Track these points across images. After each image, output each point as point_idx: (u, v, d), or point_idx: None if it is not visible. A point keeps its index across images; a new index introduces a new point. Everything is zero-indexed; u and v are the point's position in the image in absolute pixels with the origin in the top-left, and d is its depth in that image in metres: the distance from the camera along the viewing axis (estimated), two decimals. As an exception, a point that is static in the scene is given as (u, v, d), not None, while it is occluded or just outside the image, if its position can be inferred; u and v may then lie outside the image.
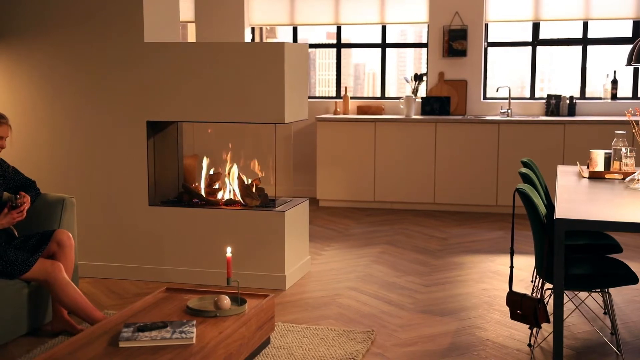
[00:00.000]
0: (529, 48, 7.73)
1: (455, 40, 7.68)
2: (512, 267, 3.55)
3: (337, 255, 5.62)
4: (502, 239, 6.14)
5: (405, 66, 8.86)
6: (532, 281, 4.77)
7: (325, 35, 9.19)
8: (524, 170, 4.12)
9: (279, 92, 4.62)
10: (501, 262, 5.37)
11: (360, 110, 7.92)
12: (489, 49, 7.81)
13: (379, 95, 8.25)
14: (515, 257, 5.46)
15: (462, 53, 7.67)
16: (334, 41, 8.41)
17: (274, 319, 3.73)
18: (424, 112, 7.71)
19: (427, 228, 6.57)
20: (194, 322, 3.23)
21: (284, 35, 8.80)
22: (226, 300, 3.43)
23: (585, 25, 7.52)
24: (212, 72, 4.71)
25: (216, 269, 4.77)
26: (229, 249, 3.51)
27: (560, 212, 3.20)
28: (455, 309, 4.31)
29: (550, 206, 4.07)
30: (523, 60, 7.89)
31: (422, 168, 7.38)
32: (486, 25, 7.71)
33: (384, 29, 8.08)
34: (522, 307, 3.31)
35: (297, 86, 4.85)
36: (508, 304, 3.42)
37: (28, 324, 3.81)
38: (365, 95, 8.47)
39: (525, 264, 5.27)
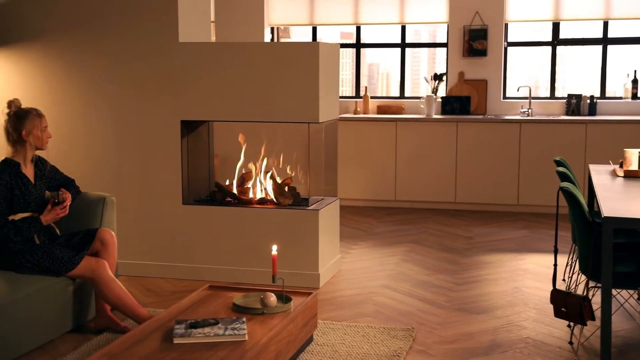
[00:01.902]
0: (545, 47, 7.78)
1: (476, 40, 7.71)
2: (555, 265, 3.58)
3: (365, 254, 5.66)
4: (527, 238, 6.17)
5: (419, 66, 8.89)
6: (563, 279, 4.81)
7: (339, 35, 9.23)
8: (561, 169, 4.15)
9: (313, 91, 4.65)
10: (530, 261, 5.40)
11: (380, 109, 7.95)
12: (508, 48, 7.85)
13: (392, 94, 8.29)
14: (541, 256, 5.56)
15: (483, 53, 7.70)
16: (348, 41, 8.45)
17: (317, 317, 3.77)
18: (444, 111, 7.75)
19: (451, 227, 6.61)
20: (244, 319, 3.27)
21: (297, 35, 8.83)
22: (272, 298, 3.47)
23: (606, 25, 7.55)
24: (246, 72, 4.74)
25: (250, 267, 4.80)
26: (274, 247, 3.55)
27: (607, 211, 3.23)
28: (490, 307, 4.34)
29: (588, 205, 4.10)
30: (540, 60, 7.93)
31: (443, 167, 7.41)
32: (506, 25, 7.74)
33: (403, 29, 8.11)
34: (566, 305, 3.35)
35: (330, 86, 4.89)
36: (552, 301, 3.46)
37: (73, 320, 3.85)
38: (379, 94, 8.48)
39: (552, 262, 5.29)
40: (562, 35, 7.71)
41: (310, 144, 5.25)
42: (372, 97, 8.10)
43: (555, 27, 7.70)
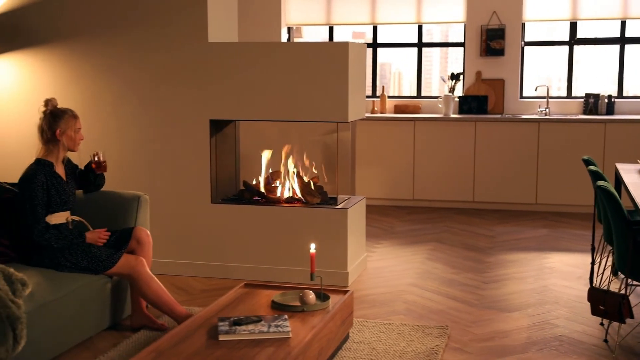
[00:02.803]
0: (559, 47, 7.82)
1: (493, 39, 7.73)
2: (593, 263, 3.61)
3: (389, 253, 5.69)
4: (549, 237, 6.19)
5: (432, 65, 8.91)
6: (589, 278, 4.84)
7: (351, 34, 9.25)
8: (592, 167, 4.17)
9: (343, 91, 4.68)
10: (555, 260, 5.42)
11: (398, 109, 7.98)
12: (525, 47, 7.87)
13: (404, 94, 8.32)
14: (565, 254, 5.58)
15: (500, 52, 7.72)
16: (360, 41, 8.47)
17: (353, 315, 3.80)
18: (461, 111, 7.77)
19: (471, 226, 6.63)
20: (286, 316, 3.29)
21: (308, 34, 8.85)
22: (311, 295, 3.50)
23: (623, 24, 7.57)
24: (275, 71, 4.77)
25: (279, 265, 4.83)
26: (312, 245, 3.58)
27: (647, 209, 3.26)
28: (521, 305, 4.37)
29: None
30: (554, 60, 7.95)
31: (461, 166, 7.43)
32: (523, 24, 7.76)
33: (420, 28, 8.14)
34: (605, 303, 3.37)
35: (357, 85, 4.92)
36: (590, 299, 3.48)
37: (110, 318, 3.88)
38: (391, 94, 8.49)
39: (578, 262, 5.33)
40: (578, 34, 7.73)
41: (331, 143, 5.29)
42: (388, 97, 8.13)
43: (573, 26, 7.72)
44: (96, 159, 4.05)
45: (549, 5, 7.66)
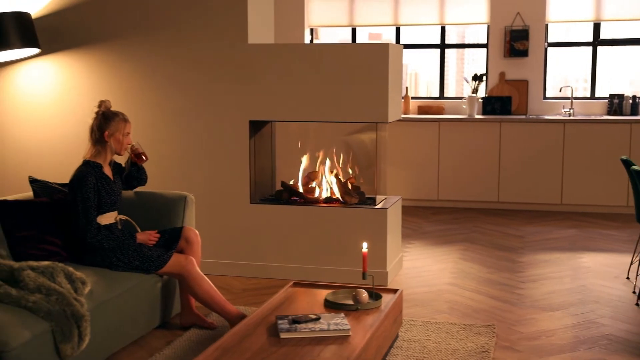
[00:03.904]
0: (581, 48, 7.86)
1: (517, 40, 7.77)
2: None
3: (422, 253, 5.72)
4: (579, 237, 6.22)
5: (448, 67, 8.95)
6: (627, 278, 4.88)
7: (368, 36, 9.30)
8: (637, 167, 4.20)
9: (382, 91, 4.72)
10: (589, 259, 5.46)
11: (421, 110, 8.02)
12: (548, 48, 7.91)
13: (421, 95, 8.37)
14: (599, 254, 5.61)
15: (524, 53, 7.75)
16: (377, 42, 8.50)
17: (402, 314, 3.84)
18: (485, 111, 7.81)
19: (499, 226, 6.67)
20: (343, 314, 3.33)
21: (326, 36, 8.89)
22: (364, 294, 3.53)
23: (647, 25, 7.61)
24: (314, 73, 4.80)
25: (318, 265, 4.87)
26: (365, 245, 3.61)
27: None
28: (562, 304, 4.40)
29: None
30: (576, 60, 7.99)
31: (486, 167, 7.47)
32: (546, 25, 7.80)
33: (442, 30, 8.18)
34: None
35: (395, 86, 4.95)
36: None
37: (160, 317, 3.92)
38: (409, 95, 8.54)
39: (612, 261, 5.37)
40: (600, 35, 7.77)
41: (364, 143, 5.33)
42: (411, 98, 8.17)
43: (596, 27, 7.75)
44: (134, 150, 4.00)
45: (573, 6, 7.70)
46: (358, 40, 8.82)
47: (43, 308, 3.03)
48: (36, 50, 5.08)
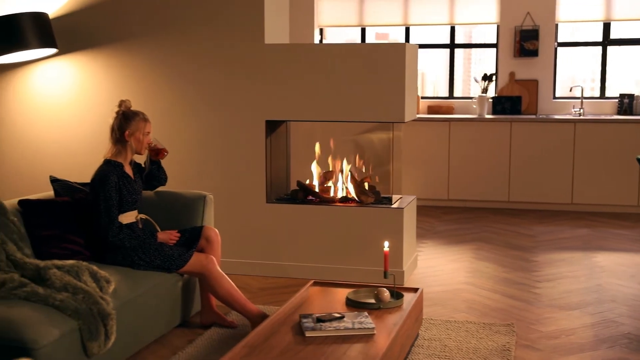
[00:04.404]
0: (590, 47, 7.88)
1: (527, 40, 7.78)
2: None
3: (436, 252, 5.74)
4: (591, 236, 6.23)
5: (455, 66, 8.96)
6: (642, 277, 4.90)
7: (375, 36, 9.31)
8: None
9: (399, 91, 4.73)
10: (603, 259, 5.47)
11: (431, 109, 8.03)
12: (557, 48, 7.92)
13: (427, 94, 8.38)
14: (613, 254, 5.63)
15: (534, 53, 7.77)
16: (384, 42, 8.51)
17: (422, 313, 3.85)
18: (495, 111, 7.82)
19: (511, 225, 6.68)
20: (366, 313, 3.34)
21: (333, 36, 8.89)
22: (386, 293, 3.55)
23: (657, 25, 7.62)
24: (331, 72, 4.82)
25: (335, 265, 4.88)
26: (386, 244, 3.63)
27: None
28: (579, 303, 4.41)
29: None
30: (585, 60, 8.01)
31: (496, 167, 7.48)
32: (556, 25, 7.81)
33: (452, 30, 8.19)
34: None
35: (411, 85, 4.97)
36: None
37: (181, 315, 3.94)
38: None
39: (626, 261, 5.38)
40: (610, 34, 7.78)
41: (375, 143, 5.35)
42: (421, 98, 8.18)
43: (606, 27, 7.76)
44: (153, 147, 3.99)
45: (583, 6, 7.71)
46: (366, 40, 8.85)
47: (70, 306, 3.05)
48: (54, 50, 5.10)
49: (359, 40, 8.66)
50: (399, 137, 5.18)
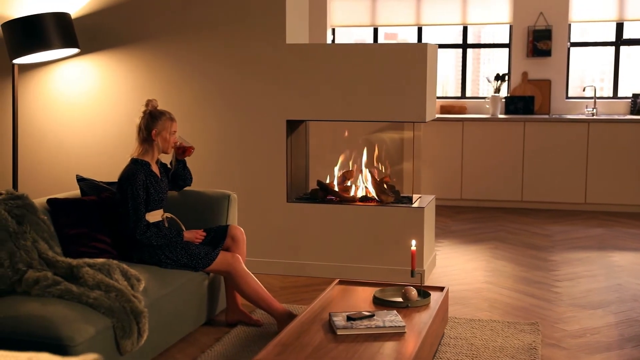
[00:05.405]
0: (603, 47, 7.90)
1: (540, 40, 7.79)
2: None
3: (453, 251, 5.76)
4: (607, 235, 6.25)
5: (466, 66, 8.98)
6: (662, 276, 4.91)
7: (383, 35, 9.33)
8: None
9: (420, 91, 4.75)
10: (620, 258, 5.49)
11: (444, 109, 8.05)
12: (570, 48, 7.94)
13: (438, 94, 8.40)
14: (630, 253, 5.64)
15: (547, 53, 7.78)
16: (393, 41, 8.53)
17: (448, 311, 3.87)
18: (507, 111, 7.84)
19: (525, 225, 6.70)
20: (395, 311, 3.36)
21: (342, 36, 8.90)
22: (414, 292, 3.57)
23: (670, 25, 7.63)
24: (352, 72, 4.84)
25: (355, 264, 4.90)
26: (413, 242, 3.65)
27: None
28: (601, 302, 4.43)
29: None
30: (597, 60, 8.02)
31: (510, 166, 7.50)
32: (569, 25, 7.83)
33: (465, 30, 8.21)
34: None
35: (431, 85, 4.99)
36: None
37: (207, 314, 3.96)
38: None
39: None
40: (623, 34, 7.79)
41: (392, 142, 5.36)
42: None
43: (619, 27, 7.78)
44: (179, 146, 3.99)
45: (596, 6, 7.73)
46: (378, 41, 8.87)
47: (104, 304, 3.07)
48: (76, 50, 5.12)
49: (368, 41, 8.69)
50: (418, 137, 5.19)
